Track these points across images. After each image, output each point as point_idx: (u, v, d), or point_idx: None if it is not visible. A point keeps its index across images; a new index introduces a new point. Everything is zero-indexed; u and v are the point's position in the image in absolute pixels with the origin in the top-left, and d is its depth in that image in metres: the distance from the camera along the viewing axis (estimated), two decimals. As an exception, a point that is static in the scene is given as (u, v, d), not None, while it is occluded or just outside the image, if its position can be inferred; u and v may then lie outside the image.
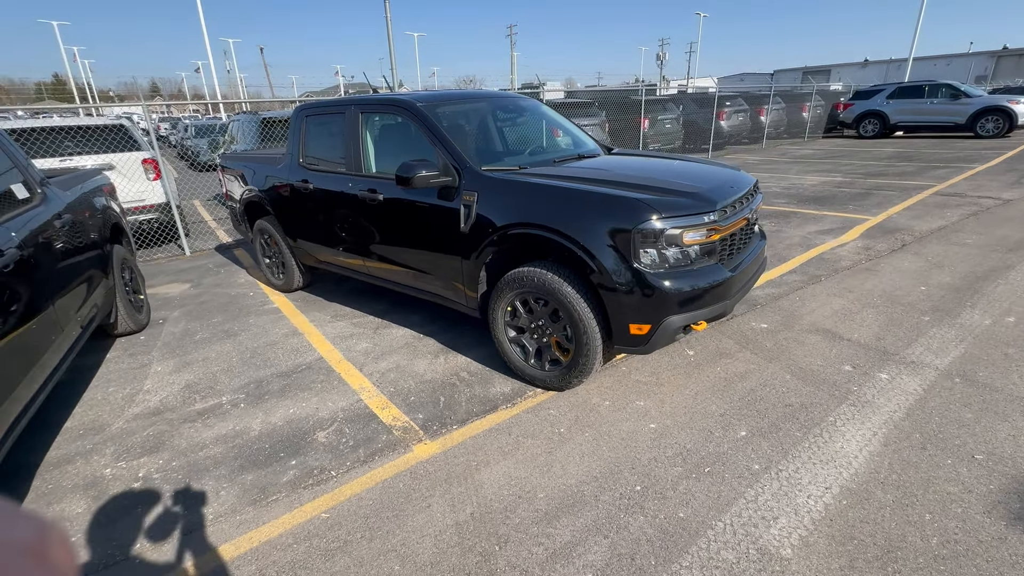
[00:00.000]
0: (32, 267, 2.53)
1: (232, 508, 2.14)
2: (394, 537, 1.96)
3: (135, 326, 3.99)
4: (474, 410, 2.77)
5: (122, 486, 2.31)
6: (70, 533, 2.05)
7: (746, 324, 3.62)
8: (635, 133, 12.42)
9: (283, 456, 2.46)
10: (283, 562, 1.87)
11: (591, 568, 1.78)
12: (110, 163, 5.96)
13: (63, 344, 2.71)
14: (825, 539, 1.85)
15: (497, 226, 2.78)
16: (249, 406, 2.91)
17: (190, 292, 4.99)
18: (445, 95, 3.56)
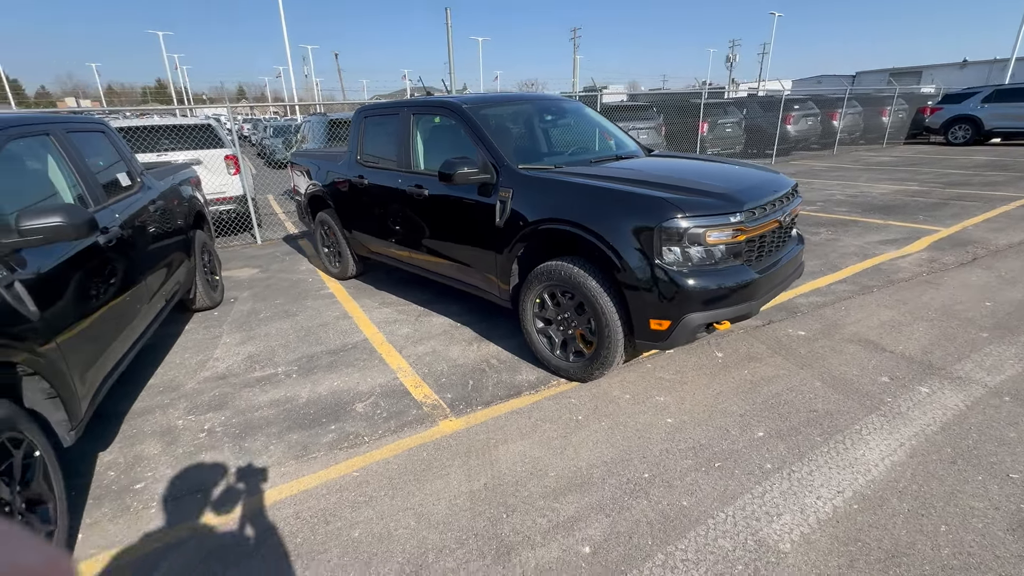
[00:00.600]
0: (129, 244, 2.96)
1: (278, 461, 2.43)
2: (413, 498, 2.15)
3: (210, 303, 4.48)
4: (499, 394, 2.93)
5: (190, 436, 2.66)
6: (149, 487, 2.40)
7: (782, 330, 3.55)
8: (693, 137, 12.15)
9: (325, 421, 2.74)
10: (316, 508, 2.11)
11: (589, 541, 1.89)
12: (198, 158, 6.66)
13: (150, 313, 3.14)
14: (828, 538, 1.86)
15: (529, 221, 2.94)
16: (300, 377, 3.23)
17: (258, 276, 5.50)
18: (490, 97, 3.76)
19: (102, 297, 2.53)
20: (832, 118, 15.10)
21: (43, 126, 2.70)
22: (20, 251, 2.06)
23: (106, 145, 3.41)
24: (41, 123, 2.72)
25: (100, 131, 3.42)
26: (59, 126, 2.87)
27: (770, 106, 13.99)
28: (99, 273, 2.55)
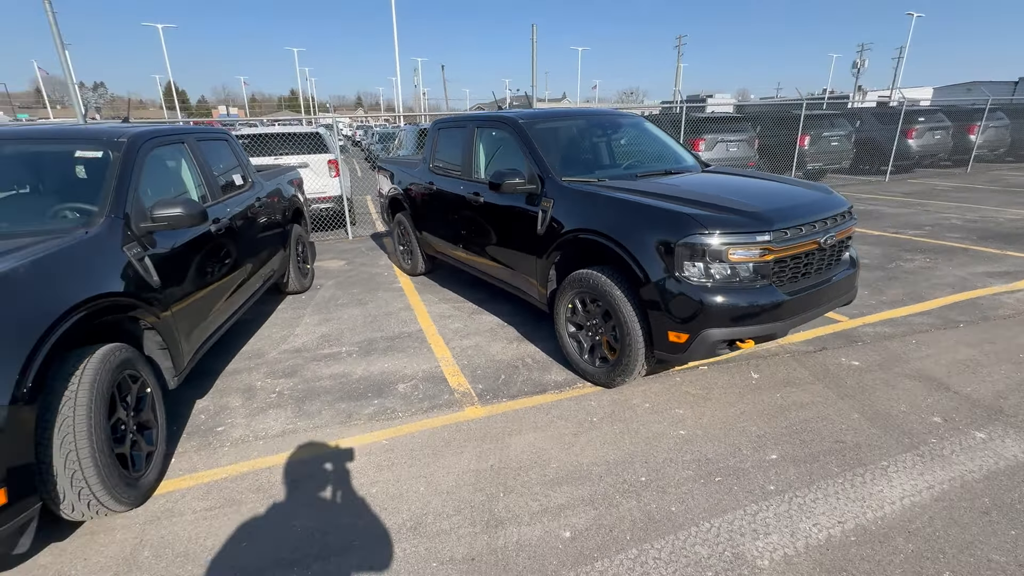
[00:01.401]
0: (236, 233, 3.59)
1: (325, 423, 2.84)
2: (427, 468, 2.44)
3: (300, 288, 5.17)
4: (525, 389, 3.14)
5: (264, 395, 3.18)
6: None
7: (834, 358, 3.37)
8: (792, 151, 11.38)
9: (370, 396, 3.13)
10: (346, 464, 2.48)
11: (571, 527, 2.05)
12: (306, 162, 7.62)
13: (247, 292, 3.77)
14: (811, 564, 1.84)
15: (565, 230, 3.12)
16: (359, 357, 3.68)
17: (344, 267, 6.19)
18: (546, 113, 4.00)
19: (209, 275, 3.13)
20: (969, 132, 13.30)
21: (180, 136, 3.40)
22: (153, 234, 2.67)
23: (227, 151, 4.14)
24: (179, 133, 3.42)
25: (223, 140, 4.16)
26: (192, 136, 3.59)
27: (888, 118, 12.66)
28: (209, 255, 3.16)
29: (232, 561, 1.94)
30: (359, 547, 1.99)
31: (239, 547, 2.00)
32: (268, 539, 2.04)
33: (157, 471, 2.39)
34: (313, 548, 1.99)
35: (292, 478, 2.40)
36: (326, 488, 2.32)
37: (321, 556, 1.95)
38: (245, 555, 1.96)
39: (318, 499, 2.25)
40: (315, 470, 2.45)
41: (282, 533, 2.07)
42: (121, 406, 2.21)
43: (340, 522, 2.12)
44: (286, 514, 2.17)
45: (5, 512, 1.67)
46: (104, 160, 2.74)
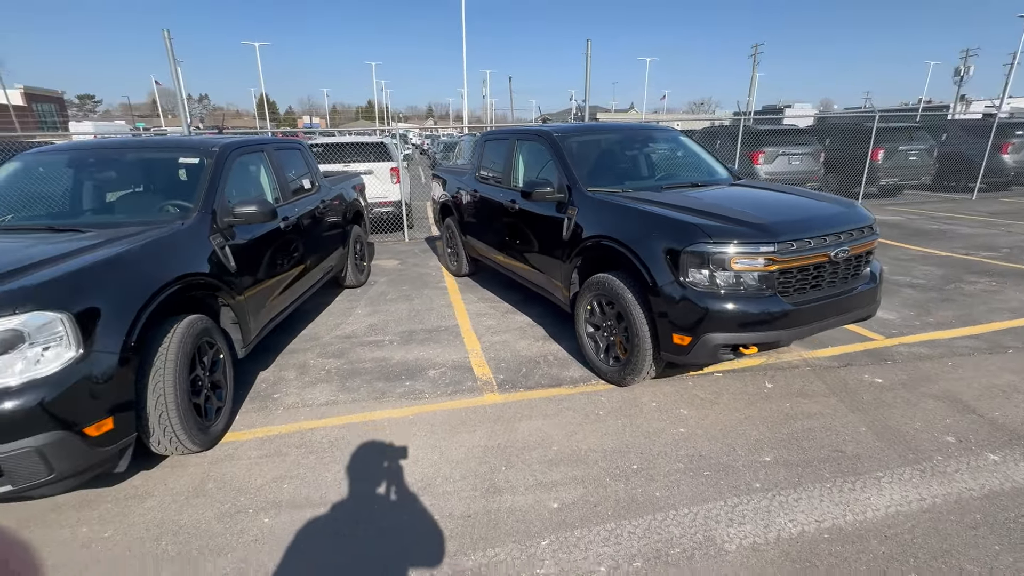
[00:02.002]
0: (301, 231, 4.13)
1: (363, 398, 3.25)
2: (443, 441, 2.76)
3: (356, 283, 5.71)
4: (542, 383, 3.39)
5: (314, 371, 3.65)
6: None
7: (856, 374, 3.35)
8: (864, 165, 10.78)
9: (403, 378, 3.50)
10: (375, 432, 2.85)
11: (559, 500, 2.28)
12: (370, 169, 8.31)
13: (307, 283, 4.29)
14: (778, 553, 1.96)
15: (586, 236, 3.36)
16: (399, 345, 4.09)
17: (397, 266, 6.72)
18: (582, 127, 4.25)
19: (276, 266, 3.65)
20: (1081, 147, 11.93)
21: (260, 146, 3.99)
22: (233, 227, 3.20)
23: (299, 159, 4.73)
24: (259, 144, 4.01)
25: (297, 149, 4.77)
26: (271, 145, 4.18)
27: (980, 131, 11.67)
28: (277, 249, 3.68)
29: (274, 497, 2.34)
30: (377, 497, 2.33)
31: (281, 487, 2.41)
32: (303, 484, 2.43)
33: (224, 423, 2.88)
34: (336, 493, 2.35)
35: (329, 440, 2.80)
36: (356, 449, 2.70)
37: (342, 501, 2.31)
38: (284, 494, 2.37)
39: (348, 457, 2.63)
40: (348, 435, 2.84)
41: (315, 480, 2.46)
42: (199, 366, 2.71)
43: (364, 477, 2.48)
44: (319, 467, 2.56)
45: (111, 436, 2.16)
46: (200, 166, 3.32)
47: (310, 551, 2.03)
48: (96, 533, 2.15)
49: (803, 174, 10.55)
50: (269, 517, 2.22)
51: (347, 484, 2.42)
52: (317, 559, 1.99)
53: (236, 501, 2.33)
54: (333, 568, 1.95)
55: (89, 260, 2.29)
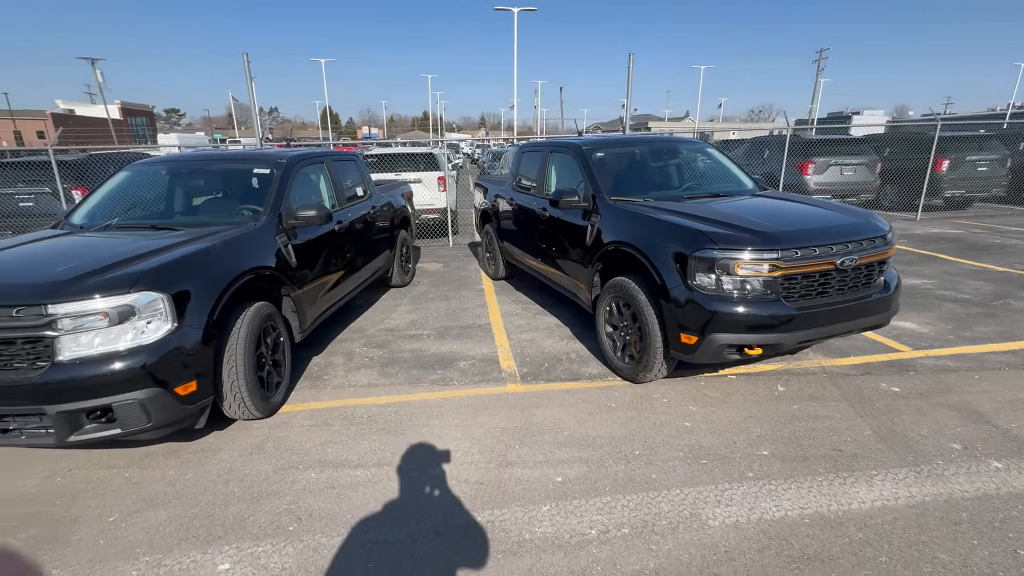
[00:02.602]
0: (353, 234, 4.62)
1: (399, 383, 3.64)
2: (467, 421, 3.09)
3: (401, 283, 6.19)
4: (562, 376, 3.66)
5: (359, 358, 4.09)
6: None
7: (873, 382, 3.39)
8: (924, 176, 10.27)
9: (436, 367, 3.88)
10: (408, 411, 3.22)
11: (563, 475, 2.55)
12: (420, 178, 8.86)
13: (358, 279, 4.78)
14: (757, 531, 2.14)
15: (606, 242, 3.61)
16: (435, 339, 4.48)
17: (440, 269, 7.17)
18: (610, 140, 4.50)
19: (330, 263, 4.14)
20: None
21: (320, 158, 4.52)
22: (295, 228, 3.69)
23: (354, 169, 5.26)
24: (320, 156, 4.54)
25: (352, 160, 5.30)
26: (329, 158, 4.71)
27: (1063, 140, 10.81)
28: (331, 249, 4.17)
29: (320, 457, 2.75)
30: (404, 461, 2.69)
31: (325, 450, 2.82)
32: (344, 449, 2.83)
33: (282, 396, 3.34)
34: (372, 458, 2.73)
35: (368, 415, 3.20)
36: (390, 424, 3.08)
37: (376, 464, 2.68)
38: (328, 456, 2.77)
39: (382, 429, 3.02)
40: (384, 412, 3.23)
41: (354, 447, 2.85)
42: (264, 345, 3.19)
43: (394, 446, 2.85)
44: (358, 436, 2.96)
45: (195, 396, 2.64)
46: (270, 176, 3.86)
47: (346, 501, 2.41)
48: (180, 475, 2.64)
49: (856, 185, 10.21)
50: (315, 472, 2.63)
51: (380, 451, 2.80)
52: (351, 506, 2.36)
53: (289, 458, 2.75)
54: (363, 513, 2.31)
55: (182, 253, 2.80)
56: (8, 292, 2.39)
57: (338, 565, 2.03)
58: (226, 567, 2.03)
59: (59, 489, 2.56)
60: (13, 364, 2.37)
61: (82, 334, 2.39)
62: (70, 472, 2.70)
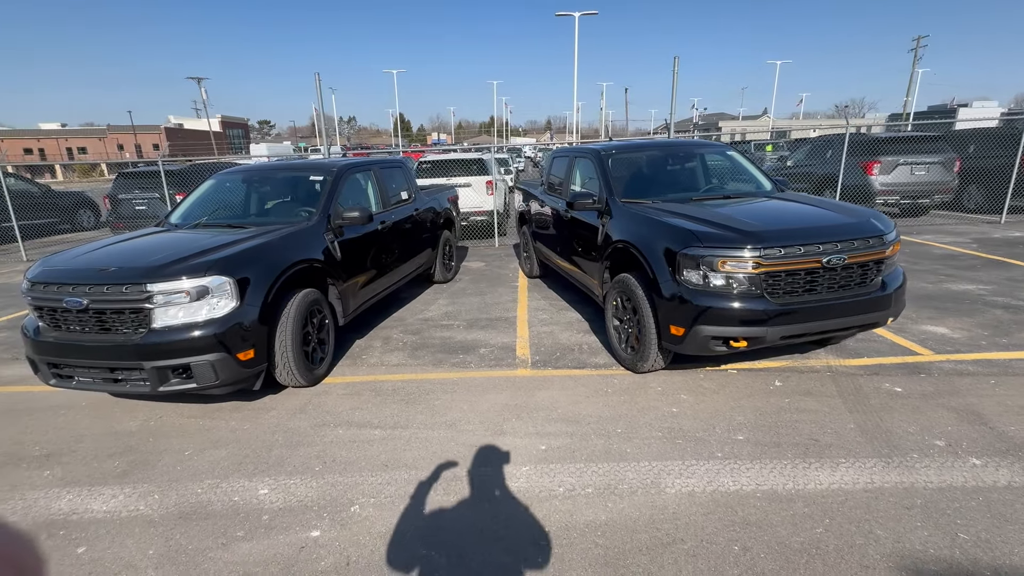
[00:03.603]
0: (395, 233, 5.19)
1: (424, 364, 4.12)
2: (473, 398, 3.50)
3: (443, 279, 6.73)
4: (569, 365, 3.98)
5: (394, 343, 4.63)
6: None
7: (875, 382, 3.41)
8: (1011, 175, 9.37)
9: (459, 352, 4.33)
10: (427, 387, 3.68)
11: (547, 444, 2.88)
12: (468, 182, 9.43)
13: (399, 275, 5.35)
14: (709, 500, 2.37)
15: (613, 241, 3.89)
16: (463, 329, 4.94)
17: (481, 268, 7.66)
18: (628, 144, 4.76)
19: (372, 259, 4.72)
20: None
21: (369, 165, 5.14)
22: (342, 227, 4.29)
23: (400, 175, 5.86)
24: (368, 164, 5.16)
25: (399, 167, 5.91)
26: (377, 165, 5.32)
27: None
28: (373, 246, 4.75)
29: (348, 419, 3.28)
30: (417, 425, 3.15)
31: (353, 413, 3.35)
32: (368, 413, 3.34)
33: (324, 369, 3.93)
34: (389, 422, 3.22)
35: (393, 388, 3.70)
36: (409, 396, 3.56)
37: (395, 426, 3.16)
38: (355, 417, 3.29)
39: (402, 400, 3.50)
40: (406, 386, 3.72)
41: (377, 412, 3.35)
42: (310, 325, 3.79)
43: (409, 414, 3.32)
44: (382, 404, 3.46)
45: (252, 362, 3.26)
46: (324, 182, 4.49)
47: (363, 452, 2.90)
48: (239, 425, 3.26)
49: (928, 186, 9.54)
50: (342, 430, 3.15)
51: (396, 417, 3.28)
52: (366, 457, 2.85)
53: (324, 418, 3.30)
54: (374, 462, 2.79)
55: (247, 246, 3.45)
56: (120, 274, 3.12)
57: (346, 496, 2.51)
58: (265, 492, 2.58)
59: (152, 430, 3.27)
60: (122, 330, 3.09)
61: (170, 308, 3.06)
62: (160, 419, 3.41)
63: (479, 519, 2.33)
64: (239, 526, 2.35)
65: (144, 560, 2.16)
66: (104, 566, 2.14)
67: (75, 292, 3.08)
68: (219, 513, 2.44)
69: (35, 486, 2.72)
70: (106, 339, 3.11)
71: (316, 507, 2.45)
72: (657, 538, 2.16)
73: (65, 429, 3.32)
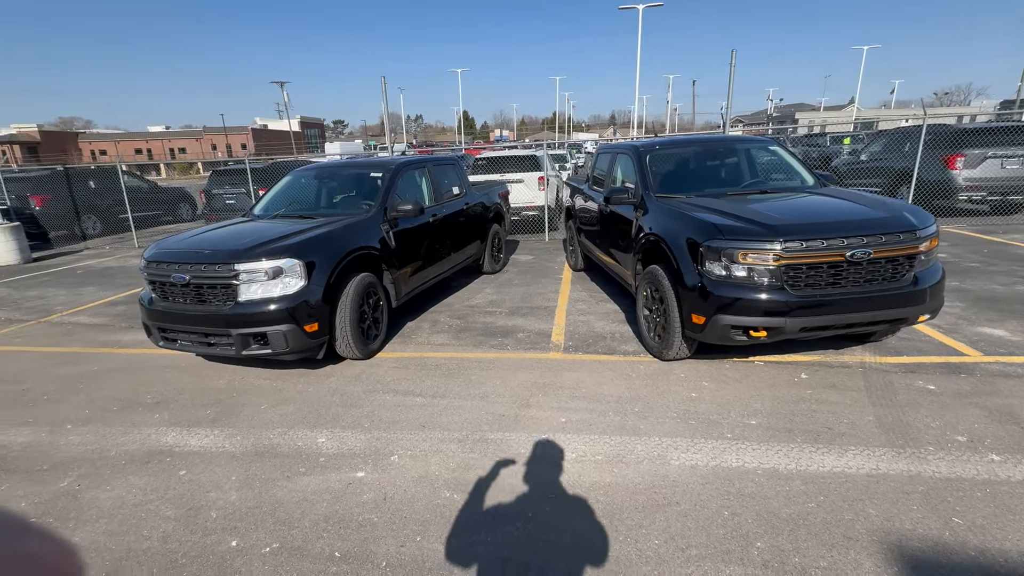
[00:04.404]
0: (446, 225, 5.62)
1: (466, 345, 4.51)
2: (505, 375, 3.83)
3: (492, 270, 7.12)
4: (599, 350, 4.21)
5: (441, 325, 5.06)
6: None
7: (909, 380, 3.38)
8: None
9: (498, 336, 4.67)
10: (465, 364, 4.06)
11: (567, 418, 3.16)
12: (522, 178, 9.76)
13: (447, 264, 5.77)
14: (710, 472, 2.55)
15: (645, 234, 4.06)
16: (505, 316, 5.28)
17: (530, 260, 7.97)
18: (667, 141, 4.87)
19: (423, 248, 5.17)
20: None
21: (423, 163, 5.60)
22: (396, 219, 4.76)
23: (452, 171, 6.29)
24: (423, 162, 5.62)
25: (452, 164, 6.34)
26: (431, 162, 5.77)
27: None
28: (425, 237, 5.19)
29: (395, 387, 3.72)
30: (453, 396, 3.53)
31: (399, 383, 3.78)
32: (412, 383, 3.76)
33: (378, 345, 4.41)
34: (429, 391, 3.62)
35: (435, 364, 4.11)
36: (449, 371, 3.95)
37: (435, 395, 3.56)
38: (400, 386, 3.72)
39: (442, 374, 3.90)
40: (448, 363, 4.11)
41: (419, 382, 3.77)
42: (366, 304, 4.27)
43: (447, 386, 3.70)
44: (424, 376, 3.87)
45: (316, 334, 3.78)
46: (383, 178, 4.99)
47: (404, 415, 3.31)
48: (305, 387, 3.79)
49: (1020, 181, 8.70)
50: (389, 396, 3.59)
51: (436, 388, 3.68)
52: (406, 419, 3.26)
53: (374, 386, 3.77)
54: (413, 423, 3.19)
55: (314, 234, 3.97)
56: (215, 255, 3.72)
57: (388, 448, 2.92)
58: (322, 440, 3.05)
59: (235, 388, 3.88)
60: (215, 302, 3.70)
61: (252, 284, 3.63)
62: (242, 379, 4.03)
63: (498, 473, 2.65)
64: (301, 464, 2.82)
65: (228, 483, 2.68)
66: (199, 485, 2.68)
67: (180, 270, 3.73)
68: (285, 453, 2.94)
69: (149, 425, 3.37)
70: (202, 309, 3.74)
71: (362, 455, 2.88)
72: (654, 499, 2.38)
73: (170, 383, 4.01)
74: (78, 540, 2.32)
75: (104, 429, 3.33)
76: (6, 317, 6.10)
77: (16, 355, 4.83)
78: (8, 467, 2.95)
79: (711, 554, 2.05)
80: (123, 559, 2.19)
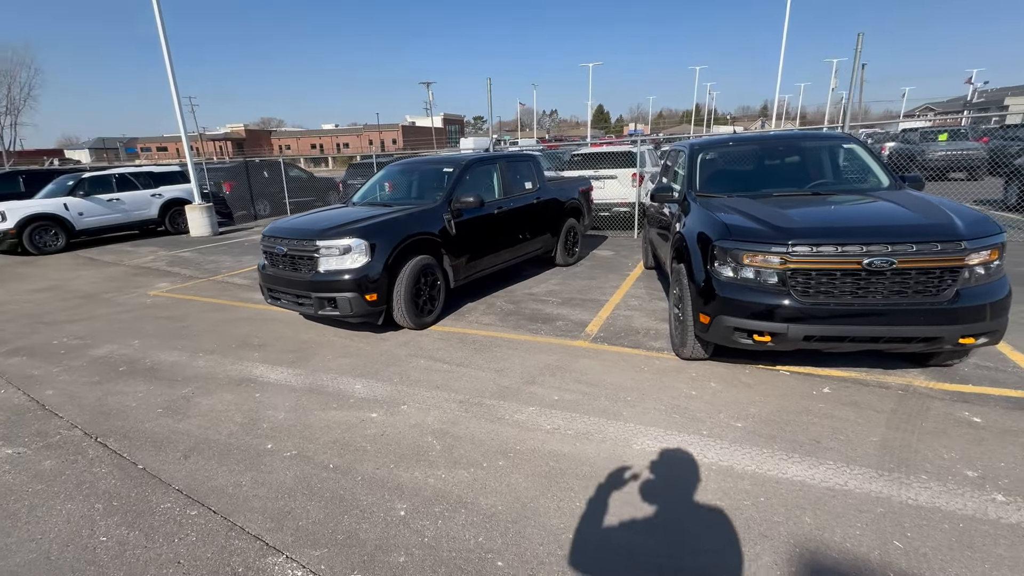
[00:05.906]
0: (511, 217, 6.08)
1: (508, 327, 4.94)
2: (527, 355, 4.19)
3: (563, 263, 7.41)
4: (625, 344, 4.34)
5: (496, 308, 5.55)
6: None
7: (953, 409, 3.01)
8: None
9: (540, 321, 5.02)
10: (497, 343, 4.50)
11: (561, 397, 3.43)
12: (615, 174, 9.79)
13: (513, 252, 6.24)
14: (661, 459, 2.67)
15: (679, 232, 4.09)
16: (557, 305, 5.59)
17: (608, 256, 8.08)
18: (723, 139, 4.72)
19: (484, 238, 5.69)
20: None
21: (493, 159, 6.12)
22: (460, 210, 5.35)
23: (527, 167, 6.71)
24: (494, 159, 6.14)
25: (527, 160, 6.76)
26: (503, 159, 6.27)
27: None
28: (487, 228, 5.71)
29: (433, 355, 4.31)
30: (473, 367, 4.00)
31: (438, 351, 4.37)
32: (449, 352, 4.32)
33: (431, 319, 5.06)
34: (456, 360, 4.14)
35: (473, 339, 4.62)
36: (480, 347, 4.43)
37: (459, 364, 4.07)
38: (438, 355, 4.30)
39: (474, 349, 4.39)
40: (482, 340, 4.59)
41: (456, 352, 4.31)
42: (423, 282, 4.93)
43: (473, 358, 4.19)
44: (458, 348, 4.40)
45: (375, 303, 4.52)
46: (451, 173, 5.61)
47: (429, 376, 3.88)
48: (362, 347, 4.58)
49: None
50: (424, 360, 4.19)
51: (463, 357, 4.18)
52: (429, 379, 3.82)
53: (417, 352, 4.40)
54: (434, 385, 3.73)
55: (380, 220, 4.73)
56: (305, 233, 4.65)
57: (402, 399, 3.50)
58: (358, 387, 3.75)
59: (315, 341, 4.81)
60: (304, 270, 4.64)
61: (329, 258, 4.49)
62: (322, 335, 4.96)
63: (477, 428, 3.07)
64: (335, 401, 3.54)
65: (282, 407, 3.50)
66: (264, 404, 3.54)
67: (281, 243, 4.75)
68: (329, 392, 3.69)
69: (249, 360, 4.41)
70: (296, 276, 4.71)
71: (382, 401, 3.51)
72: (593, 472, 2.60)
73: (272, 332, 5.10)
74: (180, 428, 3.29)
75: (220, 359, 4.45)
76: (189, 274, 8.06)
77: (187, 302, 6.45)
78: (157, 376, 4.15)
79: (592, 515, 2.24)
80: (200, 442, 3.08)
